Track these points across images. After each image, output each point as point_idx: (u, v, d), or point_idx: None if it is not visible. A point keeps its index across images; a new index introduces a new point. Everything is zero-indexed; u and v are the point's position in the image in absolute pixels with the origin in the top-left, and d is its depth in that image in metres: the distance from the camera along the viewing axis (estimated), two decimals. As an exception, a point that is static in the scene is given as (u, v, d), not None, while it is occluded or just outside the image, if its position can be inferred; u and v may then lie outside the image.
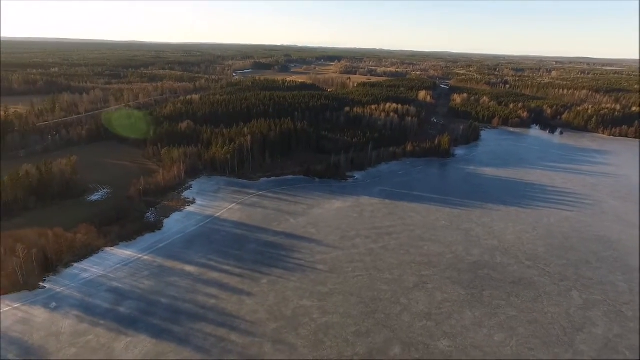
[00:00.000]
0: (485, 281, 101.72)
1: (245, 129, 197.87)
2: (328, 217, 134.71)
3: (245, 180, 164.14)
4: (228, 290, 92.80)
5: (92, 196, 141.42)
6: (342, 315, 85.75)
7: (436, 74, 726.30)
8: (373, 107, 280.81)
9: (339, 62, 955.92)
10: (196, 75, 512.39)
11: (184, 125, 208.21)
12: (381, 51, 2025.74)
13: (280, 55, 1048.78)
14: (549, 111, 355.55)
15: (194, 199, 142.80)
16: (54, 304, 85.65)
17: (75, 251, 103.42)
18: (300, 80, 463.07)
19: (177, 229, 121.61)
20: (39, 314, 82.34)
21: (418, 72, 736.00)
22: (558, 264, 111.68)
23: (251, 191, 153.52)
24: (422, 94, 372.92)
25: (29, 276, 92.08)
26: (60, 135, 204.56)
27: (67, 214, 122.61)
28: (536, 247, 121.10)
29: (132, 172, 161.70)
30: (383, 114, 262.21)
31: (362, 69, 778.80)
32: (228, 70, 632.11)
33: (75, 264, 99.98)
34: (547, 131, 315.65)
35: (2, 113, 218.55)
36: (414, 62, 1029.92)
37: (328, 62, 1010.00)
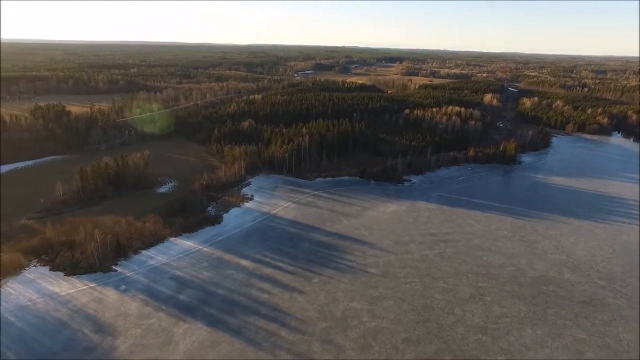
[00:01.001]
0: (550, 298, 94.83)
1: (304, 129, 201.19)
2: (382, 220, 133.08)
3: (301, 180, 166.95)
4: (280, 286, 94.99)
5: (161, 188, 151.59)
6: (392, 321, 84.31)
7: (504, 76, 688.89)
8: (434, 109, 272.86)
9: (401, 63, 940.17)
10: (259, 75, 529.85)
11: (245, 124, 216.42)
12: (445, 52, 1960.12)
13: (341, 56, 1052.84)
14: (634, 117, 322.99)
15: (252, 196, 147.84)
16: (123, 286, 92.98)
17: (143, 239, 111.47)
18: (360, 82, 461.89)
19: (235, 223, 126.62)
20: (111, 295, 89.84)
21: (484, 74, 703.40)
22: (637, 286, 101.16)
23: (307, 190, 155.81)
24: (487, 97, 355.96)
25: (104, 259, 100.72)
26: (136, 131, 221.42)
27: (138, 204, 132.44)
28: (612, 266, 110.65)
29: (196, 167, 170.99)
30: (444, 117, 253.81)
31: (424, 70, 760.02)
32: (289, 71, 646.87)
33: (143, 251, 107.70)
34: (632, 139, 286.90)
35: (88, 109, 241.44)
36: (480, 64, 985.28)
37: (389, 64, 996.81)
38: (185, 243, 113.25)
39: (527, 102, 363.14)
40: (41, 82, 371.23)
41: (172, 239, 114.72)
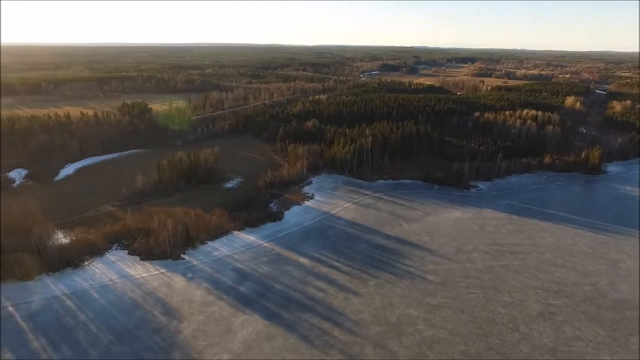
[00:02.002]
0: (634, 324, 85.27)
1: (367, 130, 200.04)
2: (444, 226, 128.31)
3: (362, 181, 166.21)
4: (336, 286, 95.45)
5: (228, 184, 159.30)
6: (450, 332, 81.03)
7: (591, 77, 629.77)
8: (507, 113, 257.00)
9: (472, 64, 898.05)
10: (325, 76, 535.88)
11: (310, 123, 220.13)
12: (522, 52, 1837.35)
13: (409, 56, 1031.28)
14: None
15: (313, 195, 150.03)
16: (190, 274, 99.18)
17: (210, 231, 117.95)
18: (427, 83, 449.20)
19: (295, 221, 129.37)
20: (178, 281, 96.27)
21: (567, 75, 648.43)
22: None
23: (367, 192, 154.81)
24: (569, 100, 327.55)
25: (174, 248, 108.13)
26: (208, 128, 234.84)
27: (207, 198, 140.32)
28: None
29: (261, 164, 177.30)
30: (518, 121, 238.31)
31: (498, 71, 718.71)
32: (356, 71, 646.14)
33: (209, 242, 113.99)
34: None
35: (167, 107, 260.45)
36: (563, 64, 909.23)
37: (460, 64, 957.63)
38: (247, 237, 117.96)
39: (617, 106, 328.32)
40: (129, 81, 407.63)
41: (236, 232, 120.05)
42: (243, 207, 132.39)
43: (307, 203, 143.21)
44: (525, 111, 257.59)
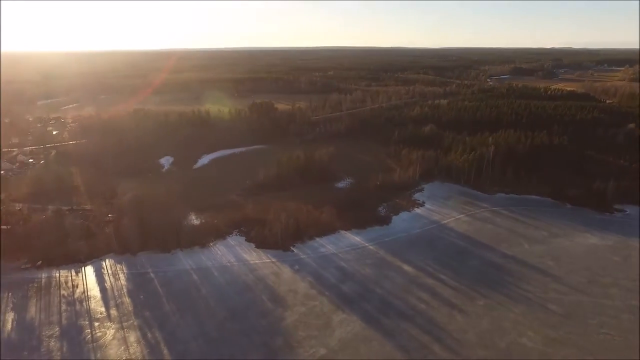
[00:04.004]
0: None
1: (490, 138, 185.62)
2: (575, 252, 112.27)
3: (479, 192, 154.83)
4: (440, 300, 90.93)
5: (339, 183, 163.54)
6: (572, 374, 70.84)
7: None
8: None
9: (630, 67, 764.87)
10: (448, 80, 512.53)
11: (427, 128, 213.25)
12: None
13: (547, 59, 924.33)
14: None
15: (424, 202, 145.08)
16: (297, 266, 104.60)
17: (318, 227, 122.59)
18: (568, 89, 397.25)
19: (403, 227, 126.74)
20: (286, 272, 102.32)
21: None
22: None
23: (484, 205, 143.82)
24: None
25: (285, 239, 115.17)
26: (325, 128, 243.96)
27: (319, 195, 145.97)
28: None
29: (373, 167, 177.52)
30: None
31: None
32: (482, 75, 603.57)
33: (317, 238, 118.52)
34: None
35: (290, 107, 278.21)
36: None
37: (613, 68, 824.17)
38: (353, 238, 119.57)
39: None
40: (260, 82, 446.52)
41: (343, 231, 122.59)
42: (352, 208, 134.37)
43: (417, 210, 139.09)
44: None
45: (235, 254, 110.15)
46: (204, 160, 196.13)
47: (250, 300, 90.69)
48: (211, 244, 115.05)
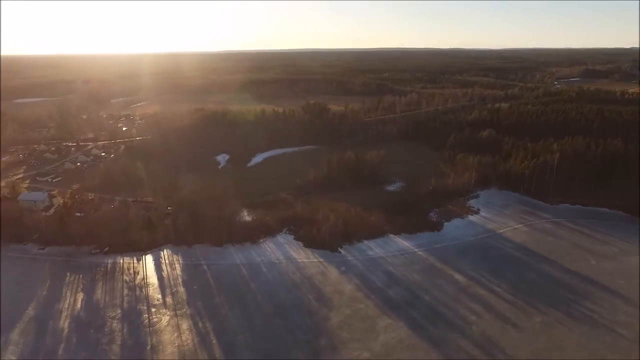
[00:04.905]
0: None
1: (555, 145, 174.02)
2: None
3: (540, 202, 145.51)
4: (493, 312, 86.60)
5: (389, 186, 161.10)
6: (641, 406, 64.45)
7: None
8: None
9: None
10: (510, 82, 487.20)
11: (484, 133, 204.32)
12: None
13: (625, 60, 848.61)
14: None
15: (479, 209, 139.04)
16: (343, 268, 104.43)
17: (367, 230, 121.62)
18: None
19: (455, 234, 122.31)
20: (332, 272, 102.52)
21: None
22: None
23: (545, 215, 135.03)
24: None
25: (333, 240, 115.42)
26: (377, 130, 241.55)
27: (368, 197, 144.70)
28: None
29: (425, 171, 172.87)
30: None
31: None
32: (549, 78, 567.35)
33: (365, 241, 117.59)
34: None
35: (343, 108, 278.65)
36: None
37: None
38: (402, 242, 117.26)
39: None
40: (314, 83, 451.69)
41: (392, 235, 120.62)
42: (402, 212, 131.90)
43: (471, 217, 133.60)
44: None
45: (283, 252, 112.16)
46: (258, 158, 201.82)
47: (297, 298, 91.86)
48: (261, 241, 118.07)
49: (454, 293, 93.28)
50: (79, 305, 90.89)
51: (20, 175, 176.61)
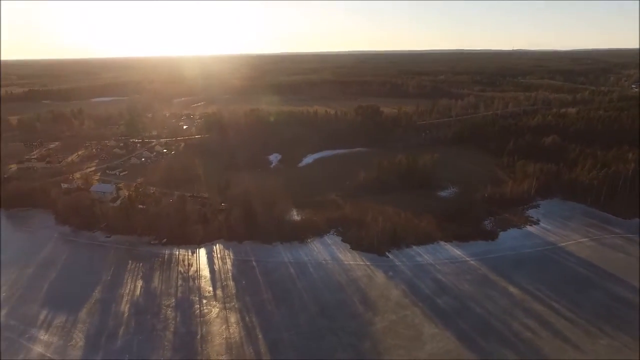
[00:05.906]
0: None
1: (630, 154, 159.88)
2: None
3: (610, 215, 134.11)
4: (550, 330, 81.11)
5: (442, 192, 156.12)
6: None
7: None
8: None
9: None
10: (579, 86, 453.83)
11: (548, 139, 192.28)
12: None
13: None
14: None
15: (538, 220, 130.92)
16: (390, 272, 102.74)
17: (416, 236, 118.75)
18: None
19: (511, 245, 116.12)
20: (379, 276, 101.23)
21: None
22: None
23: (615, 230, 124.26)
24: None
25: (381, 244, 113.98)
26: (431, 134, 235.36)
27: (418, 202, 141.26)
28: None
29: (481, 177, 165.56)
30: None
31: None
32: (625, 81, 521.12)
33: (414, 247, 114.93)
34: None
35: (396, 111, 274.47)
36: None
37: None
38: (453, 250, 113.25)
39: None
40: (366, 85, 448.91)
41: (442, 242, 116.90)
42: (454, 219, 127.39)
43: (530, 228, 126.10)
44: None
45: (330, 253, 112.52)
46: (309, 159, 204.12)
47: (342, 300, 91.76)
48: (309, 240, 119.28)
49: (508, 306, 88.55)
50: (138, 291, 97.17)
51: (93, 168, 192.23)
